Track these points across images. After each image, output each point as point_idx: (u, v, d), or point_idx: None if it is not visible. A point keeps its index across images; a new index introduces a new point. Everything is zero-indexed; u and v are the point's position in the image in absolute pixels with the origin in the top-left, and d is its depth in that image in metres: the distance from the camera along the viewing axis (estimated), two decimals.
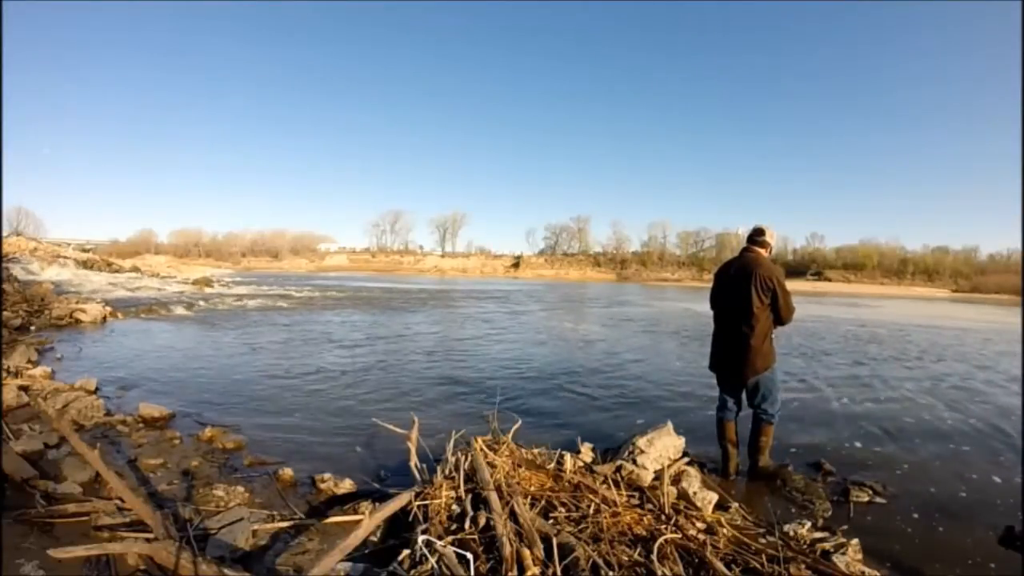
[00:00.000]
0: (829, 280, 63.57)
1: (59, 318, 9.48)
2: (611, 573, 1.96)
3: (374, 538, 2.35)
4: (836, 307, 23.75)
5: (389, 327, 11.24)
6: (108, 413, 4.17)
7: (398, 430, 3.14)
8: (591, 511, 2.42)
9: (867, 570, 2.25)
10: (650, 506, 2.66)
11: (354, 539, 2.13)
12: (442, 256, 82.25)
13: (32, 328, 8.58)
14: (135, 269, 28.16)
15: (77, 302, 11.11)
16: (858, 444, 4.13)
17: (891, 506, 3.03)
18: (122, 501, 2.46)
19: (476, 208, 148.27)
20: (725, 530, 2.46)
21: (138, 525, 2.35)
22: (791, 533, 2.53)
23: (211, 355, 7.14)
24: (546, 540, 2.08)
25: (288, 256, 77.75)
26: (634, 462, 3.07)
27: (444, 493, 2.42)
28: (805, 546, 2.42)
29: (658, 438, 3.25)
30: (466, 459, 2.67)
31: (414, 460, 2.84)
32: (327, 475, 3.02)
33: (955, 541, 2.65)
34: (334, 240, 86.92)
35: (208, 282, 24.15)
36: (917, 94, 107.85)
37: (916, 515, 2.93)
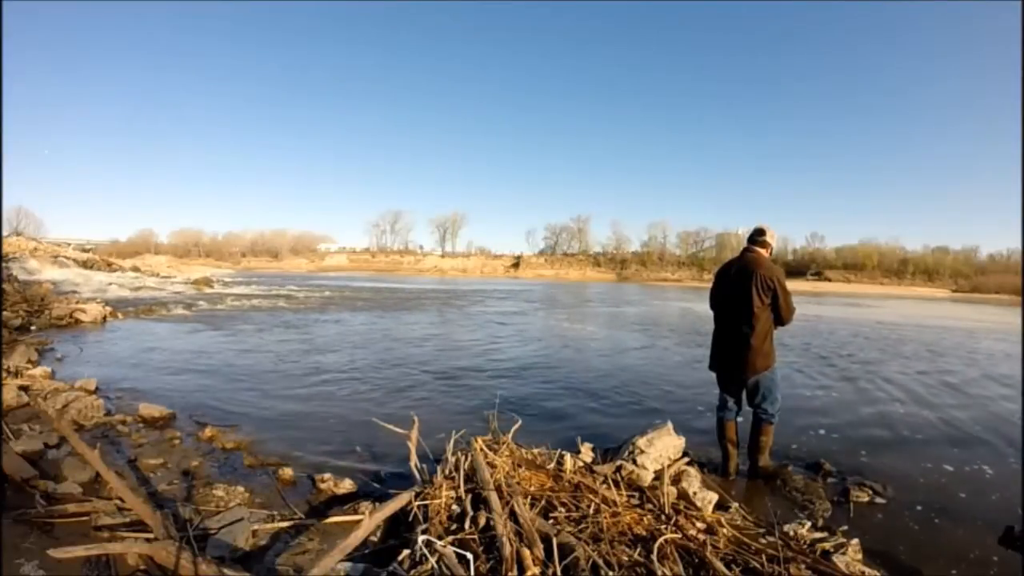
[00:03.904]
0: (829, 280, 63.59)
1: (59, 318, 9.48)
2: (611, 573, 1.96)
3: (374, 538, 2.35)
4: (836, 307, 23.74)
5: (389, 327, 11.24)
6: (108, 413, 4.17)
7: (398, 430, 3.14)
8: (591, 511, 2.42)
9: (867, 570, 2.24)
10: (650, 506, 2.66)
11: (354, 539, 2.13)
12: (442, 256, 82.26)
13: (32, 328, 8.58)
14: (135, 269, 28.15)
15: (77, 302, 11.12)
16: (858, 444, 4.13)
17: (891, 506, 3.03)
18: (122, 501, 2.46)
19: (476, 208, 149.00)
20: (725, 530, 2.46)
21: (138, 525, 2.34)
22: (791, 533, 2.53)
23: (211, 355, 7.14)
24: (546, 540, 2.08)
25: (288, 256, 77.78)
26: (634, 462, 3.07)
27: (444, 493, 2.42)
28: (805, 546, 2.42)
29: (658, 438, 3.24)
30: (466, 459, 2.66)
31: (414, 460, 2.84)
32: (327, 475, 3.02)
33: (955, 541, 2.64)
34: (334, 240, 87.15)
35: (208, 282, 24.16)
36: (917, 94, 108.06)
37: (916, 515, 2.93)
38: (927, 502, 3.09)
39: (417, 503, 2.39)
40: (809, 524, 2.65)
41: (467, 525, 2.19)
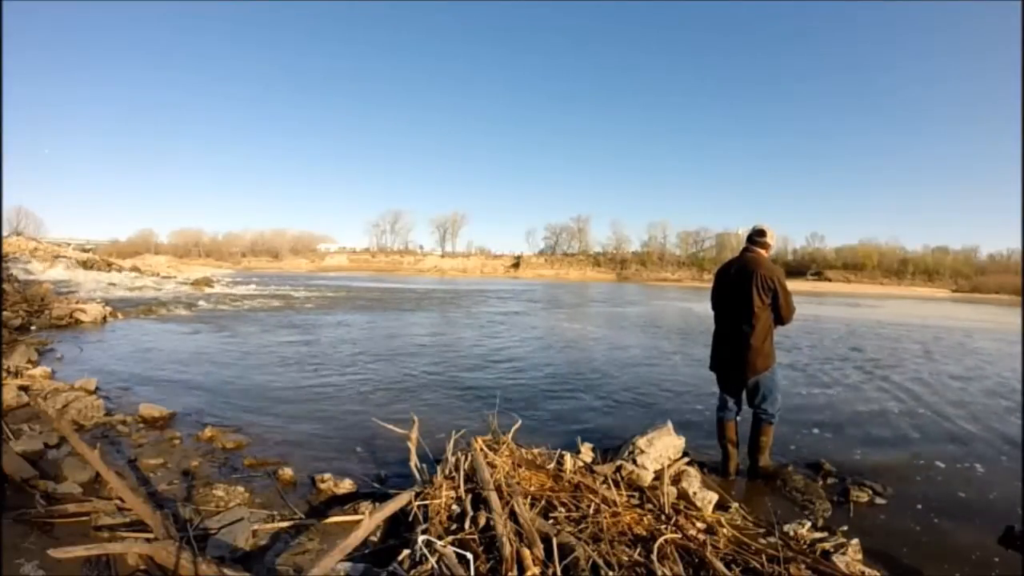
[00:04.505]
0: (829, 280, 63.54)
1: (59, 318, 9.47)
2: (611, 573, 1.96)
3: (374, 538, 2.35)
4: (836, 307, 23.75)
5: (389, 327, 11.25)
6: (108, 413, 4.17)
7: (398, 430, 3.14)
8: (591, 511, 2.42)
9: (867, 570, 2.24)
10: (650, 506, 2.66)
11: (354, 539, 2.13)
12: (442, 256, 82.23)
13: (32, 328, 8.58)
14: (135, 269, 28.14)
15: (77, 302, 11.12)
16: (858, 444, 4.13)
17: (891, 506, 3.03)
18: (122, 501, 2.46)
19: (476, 208, 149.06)
20: (725, 530, 2.46)
21: (138, 525, 2.35)
22: (791, 533, 2.53)
23: (211, 355, 7.14)
24: (546, 540, 2.08)
25: (288, 256, 77.77)
26: (634, 462, 3.07)
27: (444, 493, 2.42)
28: (805, 546, 2.42)
29: (658, 438, 3.24)
30: (466, 459, 2.66)
31: (414, 460, 2.84)
32: (327, 475, 3.02)
33: (955, 541, 2.64)
34: (334, 240, 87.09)
35: (208, 282, 24.16)
36: (917, 94, 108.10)
37: (916, 515, 2.93)
38: (927, 502, 3.09)
39: (417, 503, 2.39)
40: (809, 524, 2.65)
41: (467, 525, 2.19)
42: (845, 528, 2.70)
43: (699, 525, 2.49)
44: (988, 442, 4.29)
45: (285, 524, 2.51)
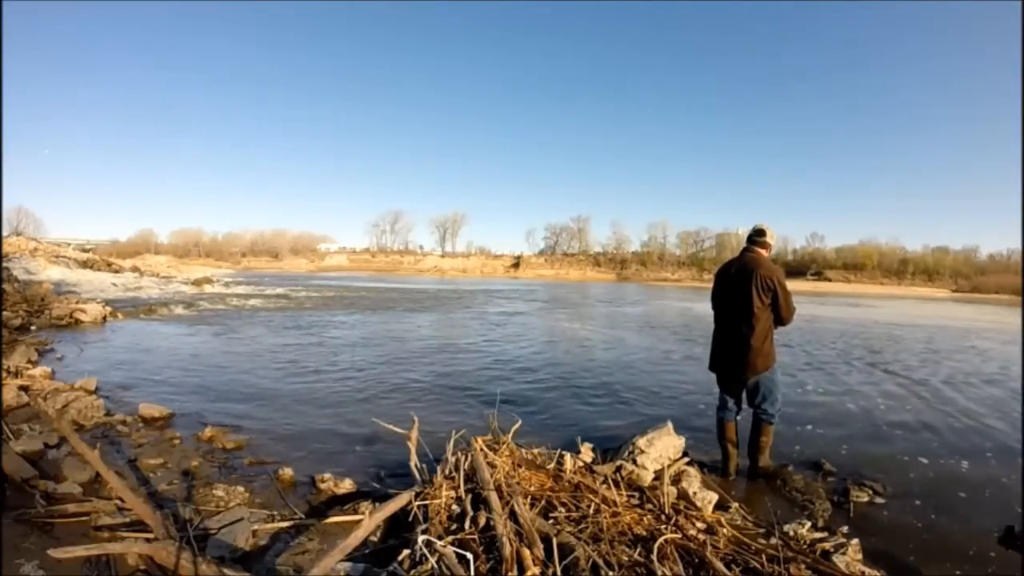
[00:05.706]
0: (829, 280, 63.48)
1: (59, 318, 9.48)
2: (611, 573, 1.96)
3: (374, 538, 2.35)
4: (836, 307, 23.74)
5: (389, 327, 11.24)
6: (108, 413, 4.17)
7: (398, 430, 3.14)
8: (591, 511, 2.42)
9: (867, 570, 2.25)
10: (650, 506, 2.66)
11: (354, 539, 2.13)
12: (442, 256, 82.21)
13: (32, 328, 8.58)
14: (135, 269, 28.12)
15: (77, 302, 11.11)
16: (859, 443, 4.13)
17: (891, 506, 3.03)
18: (122, 501, 2.46)
19: (476, 208, 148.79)
20: (725, 530, 2.46)
21: (138, 525, 2.35)
22: (791, 533, 2.53)
23: (211, 355, 7.14)
24: (546, 540, 2.08)
25: (288, 256, 77.75)
26: (634, 462, 3.07)
27: (444, 493, 2.42)
28: (805, 546, 2.42)
29: (658, 438, 3.25)
30: (466, 459, 2.66)
31: (414, 460, 2.84)
32: (327, 475, 3.02)
33: (955, 541, 2.64)
34: (334, 240, 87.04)
35: (208, 282, 24.17)
36: (917, 94, 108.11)
37: (916, 515, 2.93)
38: (927, 501, 3.09)
39: (417, 503, 2.39)
40: (809, 524, 2.65)
41: (467, 525, 2.19)
42: (845, 528, 2.70)
43: (699, 525, 2.49)
44: (989, 442, 4.28)
45: (285, 524, 2.51)
